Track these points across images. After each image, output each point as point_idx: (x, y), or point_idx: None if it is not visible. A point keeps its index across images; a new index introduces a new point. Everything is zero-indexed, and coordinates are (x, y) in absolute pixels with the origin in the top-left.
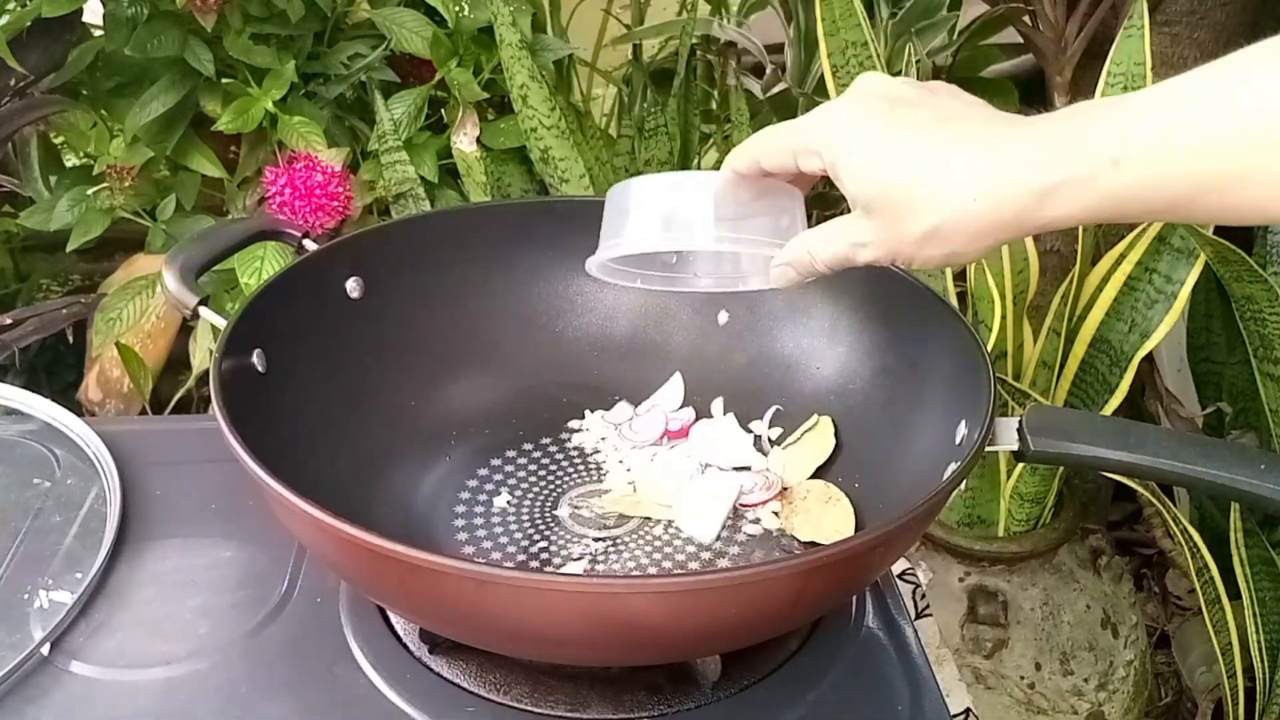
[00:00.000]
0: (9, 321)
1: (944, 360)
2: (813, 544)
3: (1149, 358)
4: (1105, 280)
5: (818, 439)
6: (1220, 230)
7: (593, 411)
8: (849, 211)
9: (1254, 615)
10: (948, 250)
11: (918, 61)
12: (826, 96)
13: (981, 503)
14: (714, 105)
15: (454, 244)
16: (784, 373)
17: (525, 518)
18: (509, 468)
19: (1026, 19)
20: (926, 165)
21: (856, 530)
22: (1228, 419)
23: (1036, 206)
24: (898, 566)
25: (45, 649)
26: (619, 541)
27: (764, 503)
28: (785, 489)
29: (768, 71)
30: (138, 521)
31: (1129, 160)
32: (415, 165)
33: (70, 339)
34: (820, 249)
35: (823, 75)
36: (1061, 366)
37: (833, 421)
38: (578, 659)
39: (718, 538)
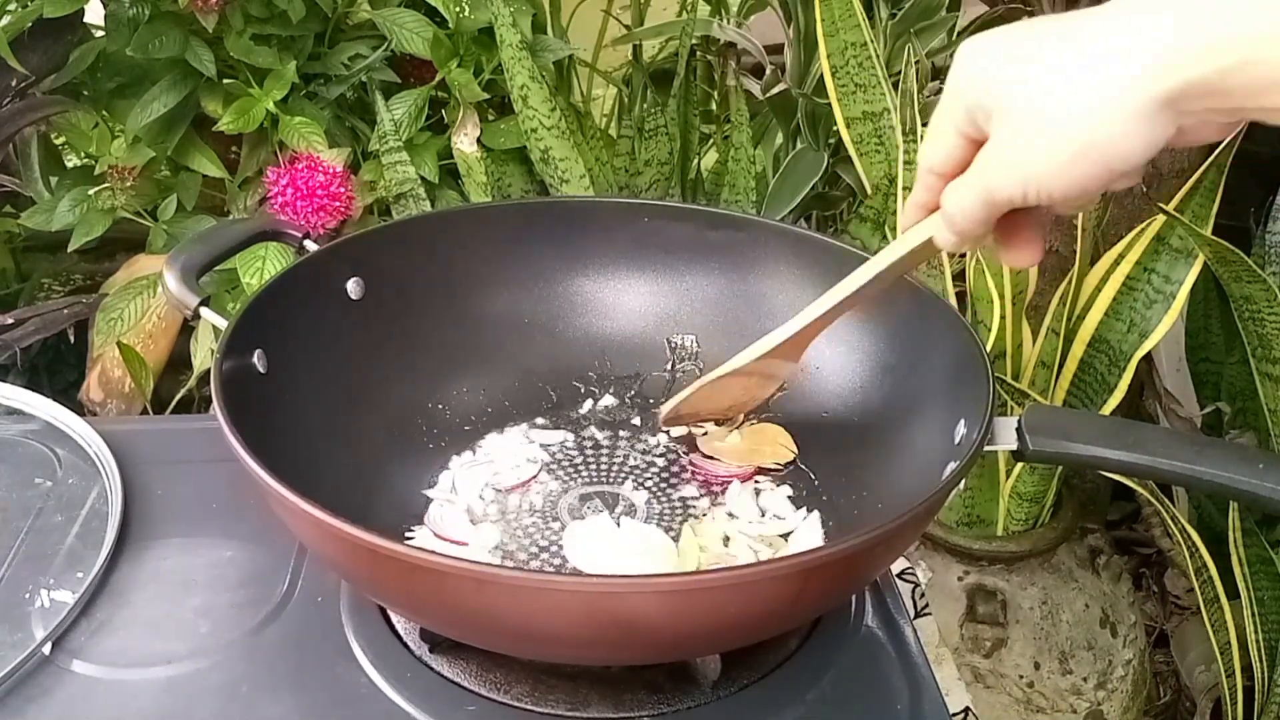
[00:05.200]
0: (10, 321)
1: (943, 360)
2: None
3: (1148, 357)
4: (1104, 280)
5: (766, 441)
6: (1219, 230)
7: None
8: (850, 213)
9: (1252, 615)
10: (1099, 166)
11: (917, 62)
12: (826, 97)
13: (980, 502)
14: (714, 106)
15: (454, 244)
16: None
17: (526, 517)
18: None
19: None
20: (1057, 71)
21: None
22: (1226, 419)
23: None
24: (897, 566)
25: (47, 648)
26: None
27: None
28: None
29: (767, 72)
30: (139, 521)
31: None
32: (416, 166)
33: (71, 339)
34: (960, 199)
35: (822, 76)
36: (1060, 366)
37: (789, 434)
38: (578, 658)
39: None
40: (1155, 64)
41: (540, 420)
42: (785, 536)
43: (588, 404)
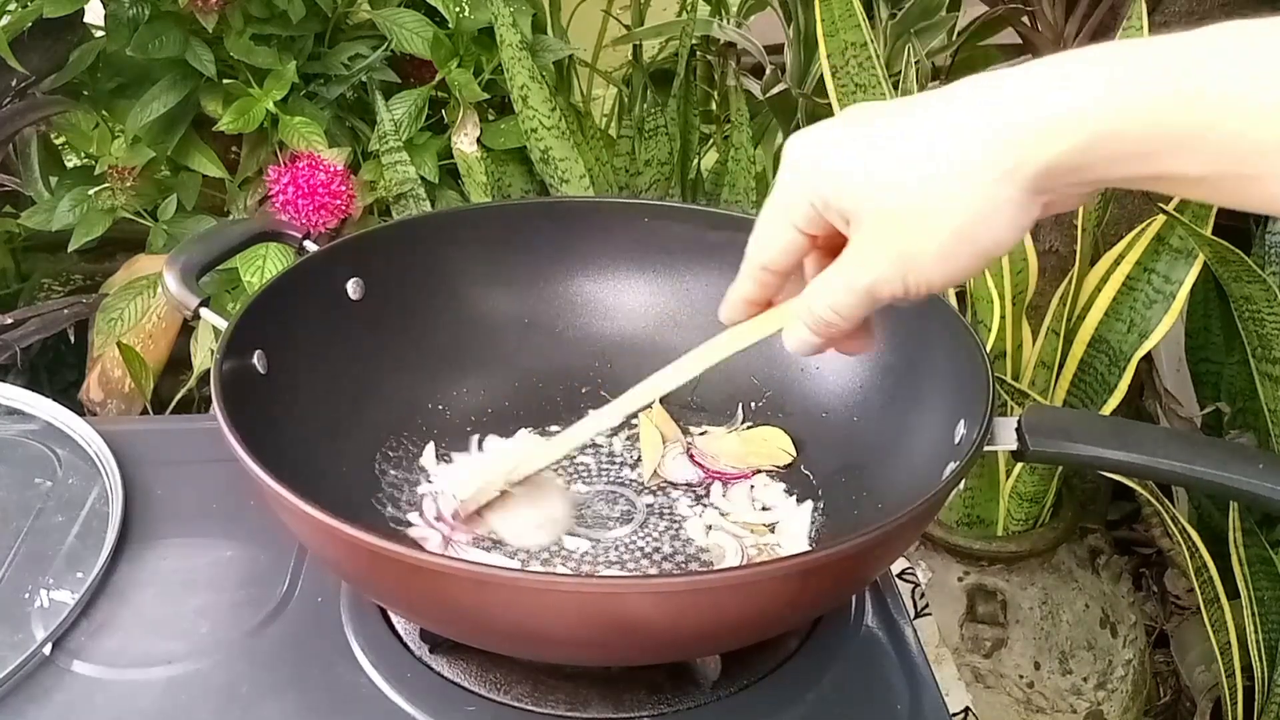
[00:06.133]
0: (10, 321)
1: (943, 360)
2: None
3: (1148, 357)
4: (1104, 280)
5: (766, 443)
6: (1219, 230)
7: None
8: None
9: (1252, 614)
10: (974, 252)
11: (917, 62)
12: (826, 97)
13: (980, 502)
14: (714, 106)
15: (454, 244)
16: (784, 372)
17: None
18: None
19: (1025, 20)
20: (907, 161)
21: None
22: (1226, 419)
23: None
24: (897, 566)
25: (47, 649)
26: (619, 542)
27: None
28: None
29: (767, 72)
30: (139, 521)
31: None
32: (416, 166)
33: (72, 339)
34: (838, 299)
35: (822, 76)
36: (1060, 366)
37: (790, 437)
38: (578, 659)
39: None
40: (1014, 146)
41: (540, 420)
42: (772, 527)
43: (588, 404)
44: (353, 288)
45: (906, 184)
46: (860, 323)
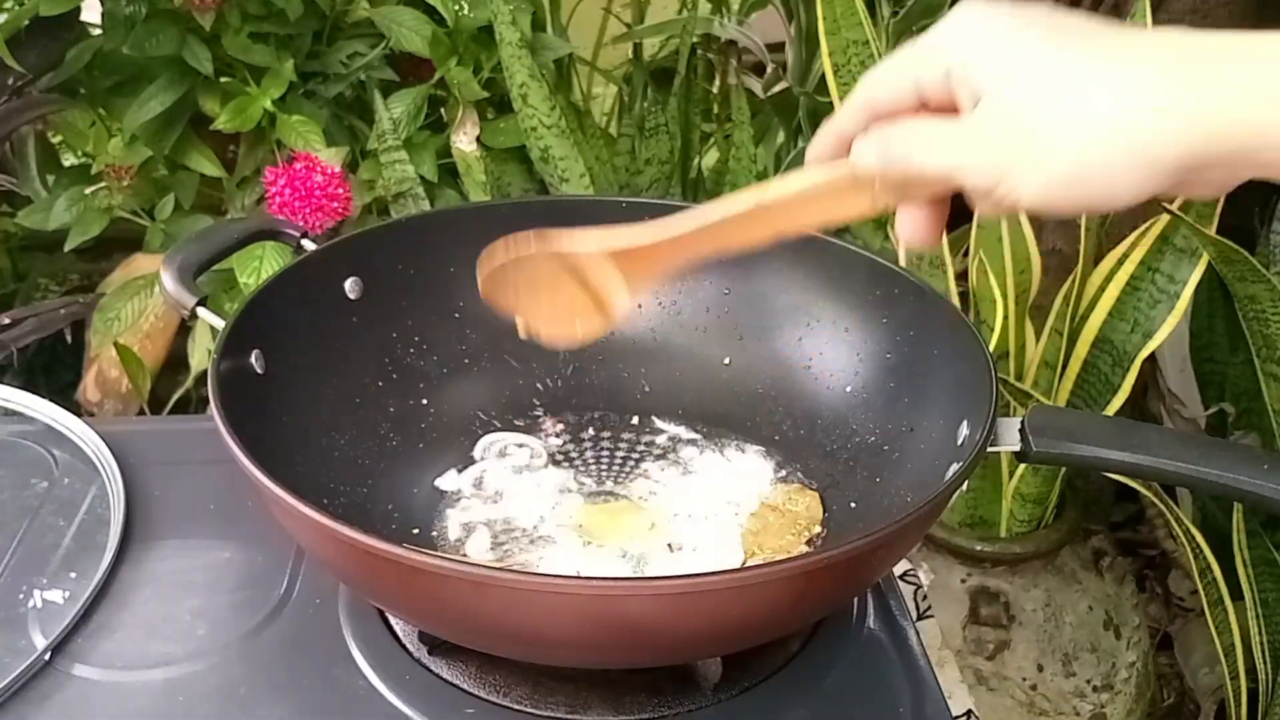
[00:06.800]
0: (7, 321)
1: (946, 360)
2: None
3: (1151, 358)
4: (1108, 280)
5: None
6: (1223, 230)
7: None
8: None
9: (1257, 616)
10: (1080, 198)
11: None
12: (828, 95)
13: (983, 503)
14: (715, 104)
15: (453, 244)
16: (785, 372)
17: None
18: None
19: None
20: (1073, 81)
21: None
22: (1230, 419)
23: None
24: (899, 568)
25: (48, 654)
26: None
27: None
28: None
29: (769, 70)
30: (136, 522)
31: None
32: (415, 164)
33: (68, 339)
34: (921, 149)
35: (824, 74)
36: (1064, 367)
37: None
38: (577, 661)
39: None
40: (1178, 124)
41: (540, 420)
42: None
43: (588, 404)
44: (351, 287)
45: (1063, 106)
46: (928, 201)
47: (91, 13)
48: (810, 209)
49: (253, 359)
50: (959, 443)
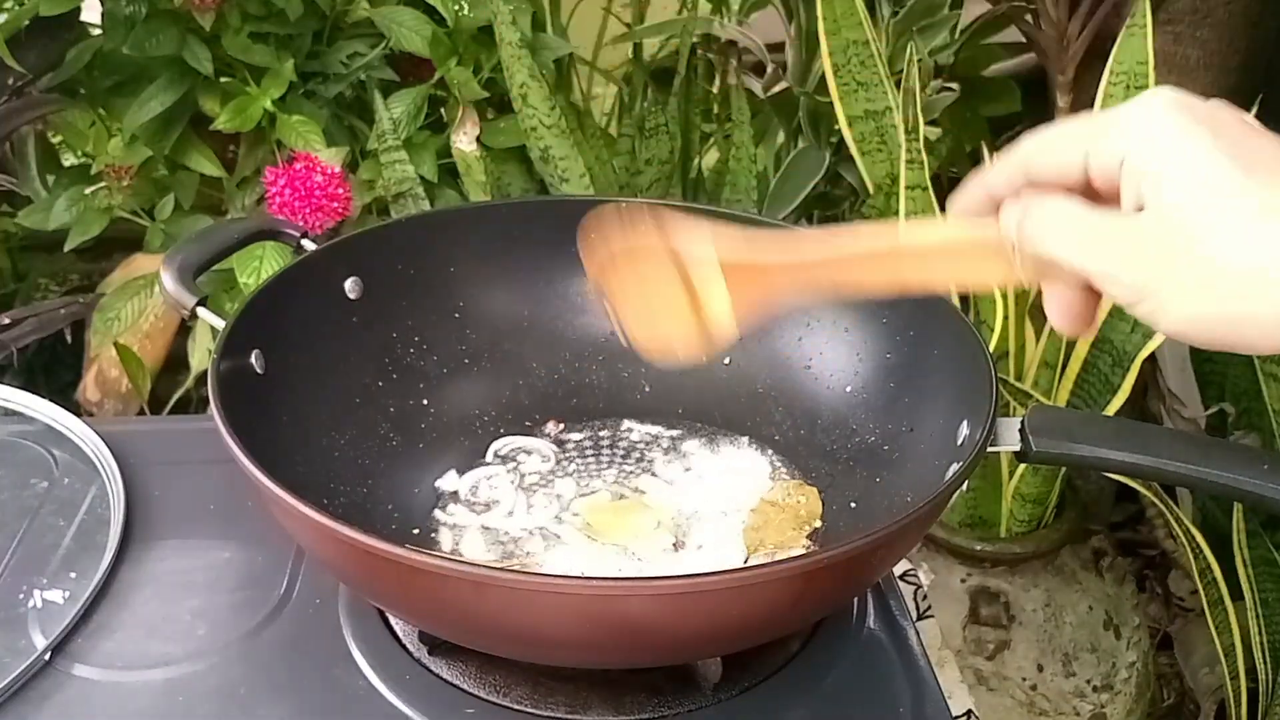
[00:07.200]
0: (7, 321)
1: (946, 360)
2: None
3: (1151, 358)
4: None
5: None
6: None
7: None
8: (852, 212)
9: (1257, 616)
10: (1226, 339)
11: (919, 60)
12: (828, 95)
13: (983, 503)
14: (715, 104)
15: (453, 244)
16: (785, 372)
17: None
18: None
19: (1029, 18)
20: (1254, 214)
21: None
22: (1230, 419)
23: None
24: (899, 568)
25: (48, 654)
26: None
27: None
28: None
29: (769, 70)
30: (136, 522)
31: None
32: (415, 164)
33: (68, 339)
34: (1062, 238)
35: (824, 74)
36: (1064, 367)
37: (819, 495)
38: (577, 661)
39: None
40: None
41: (540, 421)
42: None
43: (589, 404)
44: (351, 287)
45: (1238, 243)
46: (1078, 285)
47: (91, 13)
48: (945, 265)
49: (253, 359)
50: (959, 443)
